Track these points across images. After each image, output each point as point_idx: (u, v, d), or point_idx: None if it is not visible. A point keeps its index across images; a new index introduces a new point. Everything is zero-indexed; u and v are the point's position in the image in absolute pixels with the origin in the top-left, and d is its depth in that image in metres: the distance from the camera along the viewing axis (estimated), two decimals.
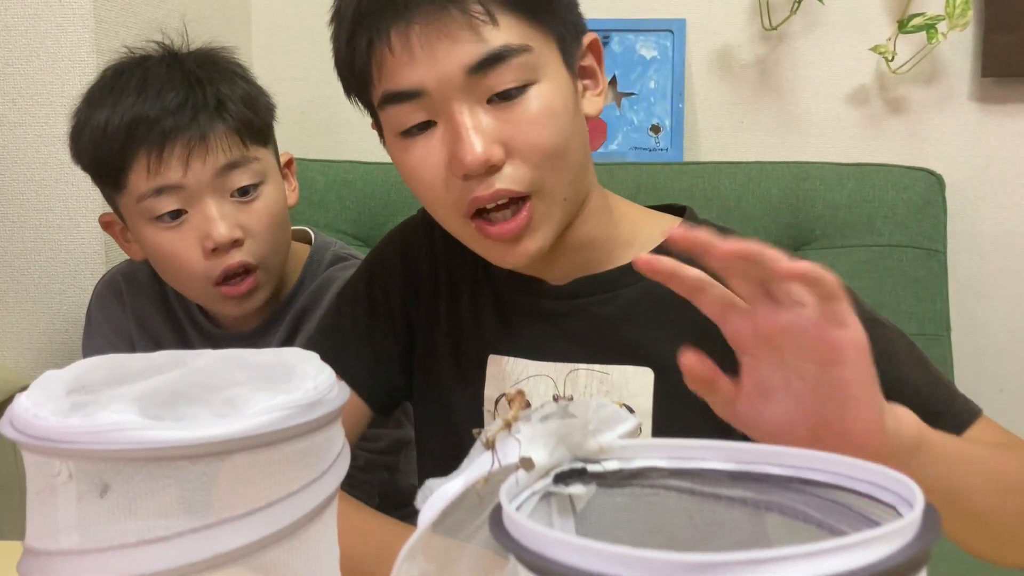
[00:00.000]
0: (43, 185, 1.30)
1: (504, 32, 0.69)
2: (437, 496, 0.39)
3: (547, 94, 0.70)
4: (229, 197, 0.97)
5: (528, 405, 0.38)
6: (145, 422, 0.37)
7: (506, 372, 0.78)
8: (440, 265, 0.85)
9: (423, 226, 0.87)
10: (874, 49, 1.55)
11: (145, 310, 1.10)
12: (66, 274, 1.30)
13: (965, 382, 0.96)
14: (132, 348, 1.09)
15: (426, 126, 0.71)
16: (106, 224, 1.07)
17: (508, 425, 0.41)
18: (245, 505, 0.38)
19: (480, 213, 0.71)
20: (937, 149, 1.76)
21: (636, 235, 0.78)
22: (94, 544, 0.37)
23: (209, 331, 1.08)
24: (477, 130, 0.68)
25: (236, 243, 0.96)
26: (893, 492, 0.36)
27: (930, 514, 0.33)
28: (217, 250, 0.95)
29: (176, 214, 0.96)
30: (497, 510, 0.36)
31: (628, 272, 0.76)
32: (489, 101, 0.69)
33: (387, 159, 0.78)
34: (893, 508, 0.35)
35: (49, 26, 1.25)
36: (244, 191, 0.98)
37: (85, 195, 1.28)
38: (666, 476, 0.43)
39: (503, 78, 0.69)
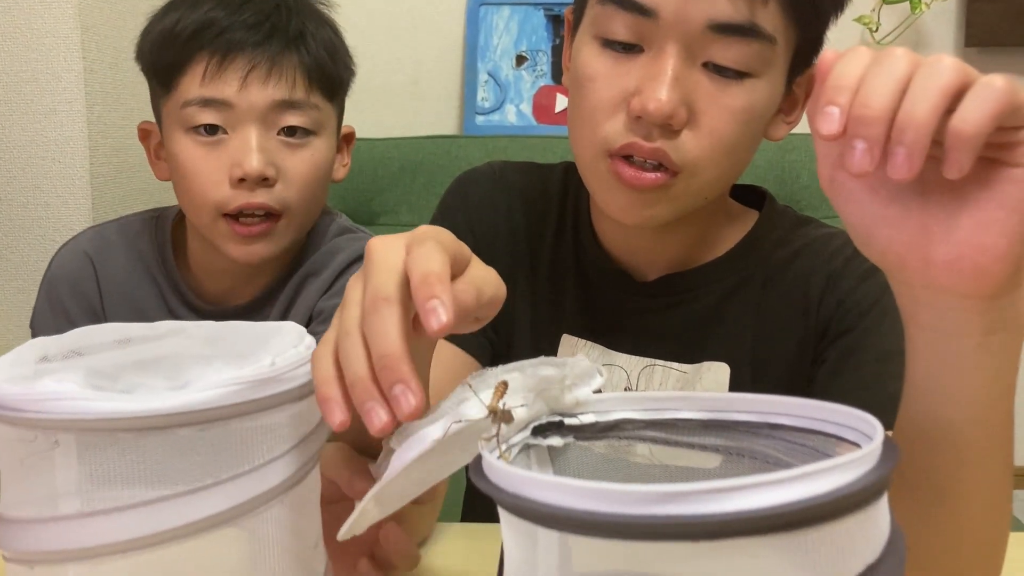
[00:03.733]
0: (30, 162, 1.30)
1: (765, 15, 0.63)
2: (415, 439, 0.39)
3: (757, 94, 0.65)
4: (275, 134, 0.91)
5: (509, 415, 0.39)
6: (85, 392, 0.37)
7: (579, 353, 0.77)
8: (518, 232, 0.79)
9: (491, 181, 0.81)
10: (858, 20, 1.55)
11: (125, 284, 1.01)
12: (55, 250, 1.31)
13: None
14: (98, 319, 0.98)
15: (631, 48, 0.64)
16: (143, 133, 1.01)
17: (501, 393, 0.41)
18: (194, 481, 0.39)
19: (623, 158, 0.65)
20: None
21: (720, 232, 0.76)
22: (49, 513, 0.38)
23: (196, 305, 1.01)
24: (676, 83, 0.62)
25: (265, 181, 0.90)
26: (856, 430, 0.38)
27: (889, 446, 0.34)
28: (244, 182, 0.89)
29: (214, 130, 0.90)
30: (477, 460, 0.37)
31: (713, 270, 0.74)
32: (704, 65, 0.63)
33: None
34: (857, 445, 0.37)
35: (32, 2, 1.25)
36: (292, 131, 0.92)
37: (73, 172, 1.29)
38: (640, 427, 0.44)
39: (730, 53, 0.63)
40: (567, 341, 0.77)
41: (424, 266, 0.40)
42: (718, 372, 0.73)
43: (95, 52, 1.27)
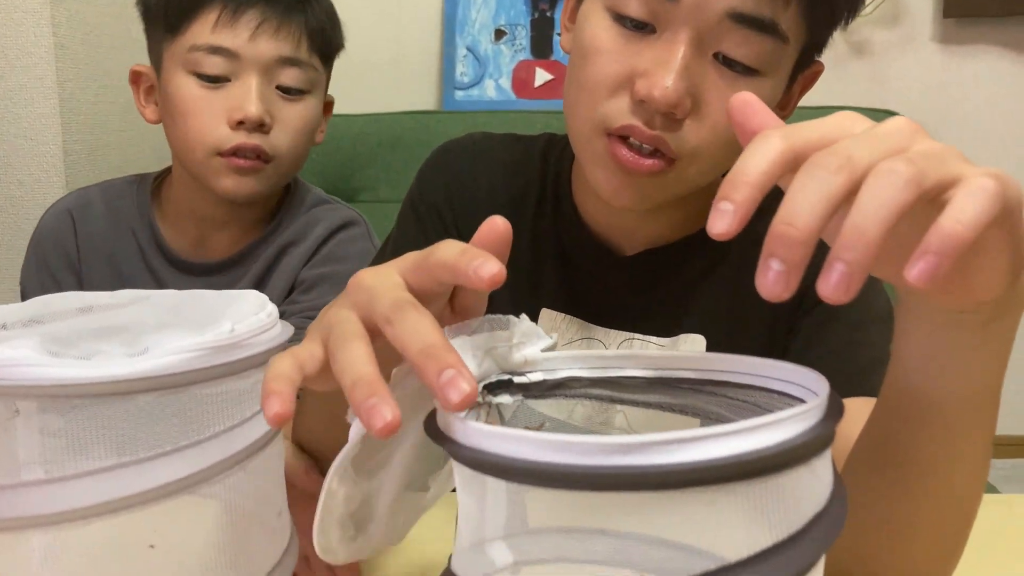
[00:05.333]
0: (2, 139, 1.29)
1: (785, 15, 0.61)
2: None
3: (763, 92, 0.63)
4: (274, 87, 0.99)
5: None
6: (41, 358, 0.38)
7: (559, 329, 0.77)
8: (498, 204, 0.78)
9: (472, 153, 0.81)
10: None
11: (102, 238, 1.07)
12: (30, 226, 1.30)
13: None
14: (78, 277, 1.06)
15: (643, 27, 0.62)
16: (134, 75, 1.06)
17: None
18: (155, 447, 0.39)
19: (620, 139, 0.63)
20: (899, 90, 1.77)
21: (702, 208, 0.74)
22: (11, 481, 0.38)
23: (172, 256, 1.06)
24: (685, 71, 0.60)
25: (262, 127, 0.97)
26: (801, 386, 0.38)
27: (834, 401, 0.35)
28: (243, 125, 0.96)
29: (216, 79, 0.96)
30: (431, 416, 0.38)
31: (692, 245, 0.74)
32: (714, 55, 0.62)
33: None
34: (801, 401, 0.37)
35: None
36: (287, 90, 1.00)
37: (46, 150, 1.28)
38: (587, 385, 0.45)
39: (743, 47, 0.61)
40: (546, 315, 0.77)
41: (424, 337, 0.37)
42: (695, 344, 0.73)
43: (66, 27, 1.26)
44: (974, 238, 0.33)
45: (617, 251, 0.75)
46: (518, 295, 0.77)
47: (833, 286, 0.33)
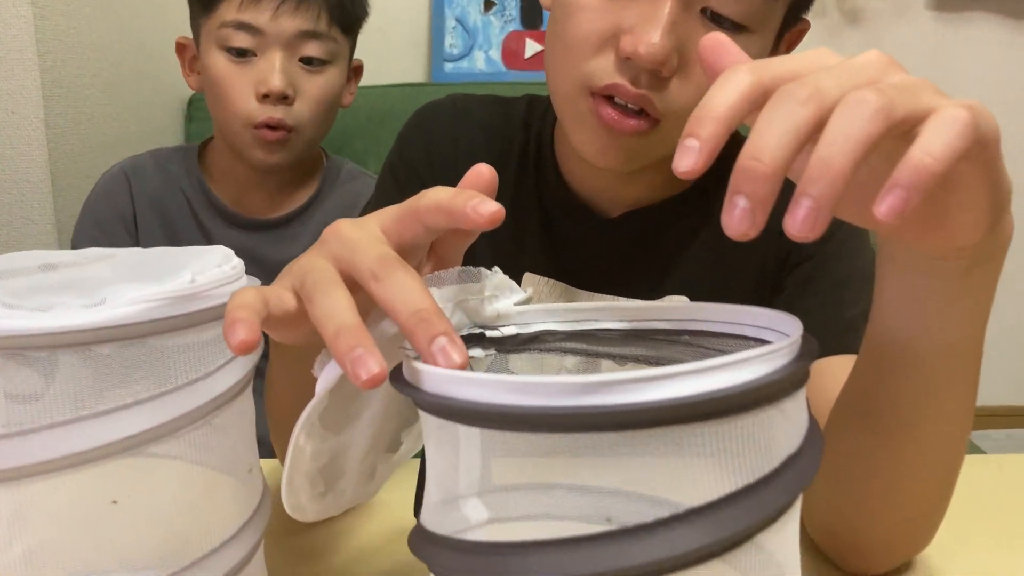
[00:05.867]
0: None
1: None
2: (333, 363, 0.39)
3: (752, 50, 0.62)
4: (296, 60, 1.08)
5: None
6: None
7: (542, 293, 0.75)
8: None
9: (452, 115, 0.79)
10: None
11: (156, 197, 1.18)
12: (10, 200, 1.29)
13: None
14: (133, 237, 1.17)
15: None
16: (179, 47, 1.18)
17: None
18: (114, 400, 0.38)
19: (605, 98, 0.62)
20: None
21: None
22: None
23: (220, 208, 1.17)
24: (673, 27, 0.58)
25: (286, 99, 1.08)
26: (776, 331, 0.37)
27: (807, 342, 0.34)
28: (268, 98, 1.06)
29: (244, 52, 1.07)
30: (397, 368, 0.37)
31: (677, 206, 0.73)
32: (702, 11, 0.60)
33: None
34: None
35: None
36: (309, 61, 1.09)
37: (27, 123, 1.26)
38: (562, 339, 0.44)
39: (731, 4, 0.59)
40: (529, 279, 0.76)
41: (414, 299, 0.36)
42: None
43: None
44: (945, 171, 0.31)
45: (600, 213, 0.74)
46: (500, 259, 0.76)
47: (800, 222, 0.32)
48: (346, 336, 0.34)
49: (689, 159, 0.33)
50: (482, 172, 0.42)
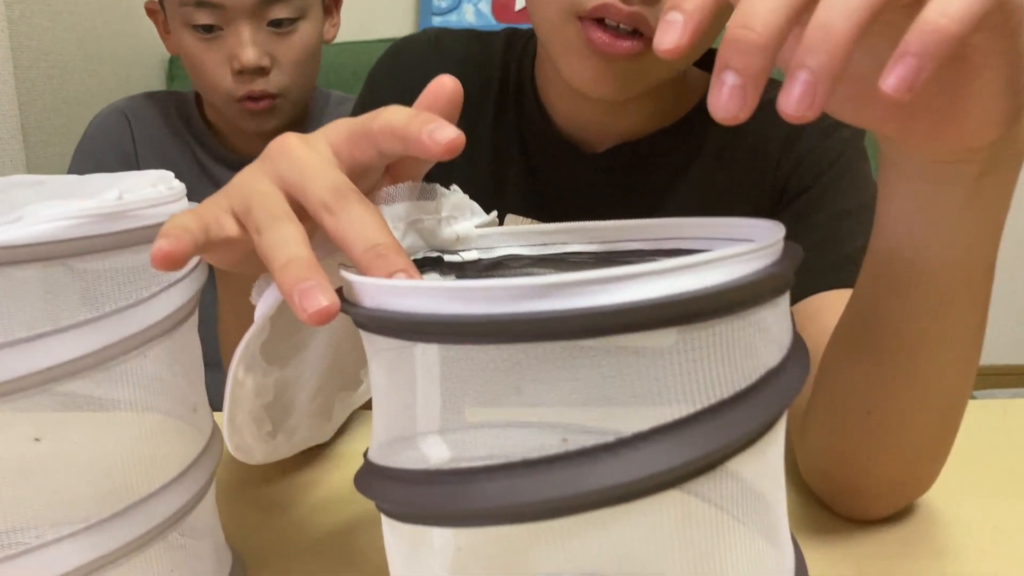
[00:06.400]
0: None
1: None
2: (273, 289, 0.35)
3: None
4: (265, 26, 1.02)
5: None
6: None
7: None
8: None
9: (427, 49, 0.75)
10: None
11: (158, 140, 1.13)
12: None
13: None
14: (131, 168, 1.13)
15: None
16: (150, 11, 1.13)
17: None
18: (34, 327, 0.34)
19: (594, 21, 0.58)
20: None
21: (676, 100, 0.69)
22: None
23: (224, 156, 1.13)
24: None
25: (262, 70, 1.03)
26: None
27: (791, 247, 0.31)
28: (243, 73, 1.02)
29: (210, 28, 1.01)
30: (338, 289, 0.33)
31: (666, 139, 0.68)
32: None
33: None
34: None
35: None
36: (278, 23, 1.03)
37: None
38: (528, 264, 0.40)
39: None
40: (512, 221, 0.73)
41: (370, 234, 0.33)
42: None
43: None
44: (962, 35, 0.27)
45: (586, 148, 0.69)
46: (480, 200, 0.72)
47: (796, 99, 0.28)
48: (295, 268, 0.31)
49: (672, 35, 0.29)
50: (444, 84, 0.38)
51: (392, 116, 0.35)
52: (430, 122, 0.34)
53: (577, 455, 0.27)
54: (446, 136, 0.33)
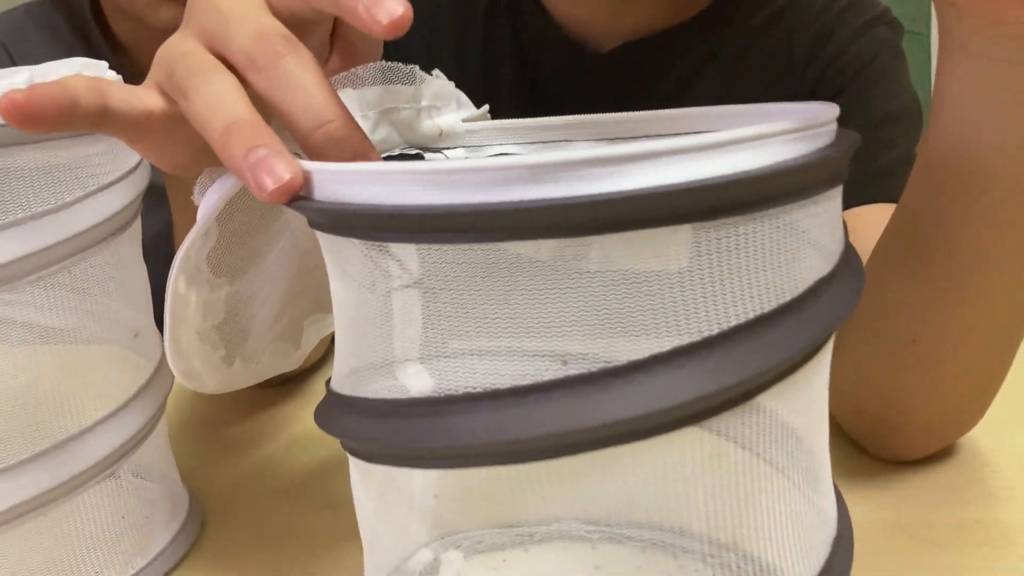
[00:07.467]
0: None
1: None
2: (218, 184, 0.30)
3: None
4: None
5: None
6: None
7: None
8: (435, 6, 0.66)
9: None
10: None
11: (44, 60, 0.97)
12: None
13: None
14: None
15: None
16: None
17: None
18: None
19: None
20: None
21: None
22: None
23: (134, 78, 0.98)
24: None
25: None
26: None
27: (845, 136, 0.25)
28: None
29: None
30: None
31: (681, 37, 0.61)
32: None
33: None
34: None
35: None
36: None
37: None
38: None
39: None
40: None
41: (306, 89, 0.27)
42: None
43: None
44: None
45: (590, 47, 0.62)
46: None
47: None
48: (239, 134, 0.25)
49: None
50: None
51: None
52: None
53: (578, 381, 0.21)
54: (389, 13, 0.26)
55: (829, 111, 0.25)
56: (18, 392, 0.33)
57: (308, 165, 0.24)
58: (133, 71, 0.91)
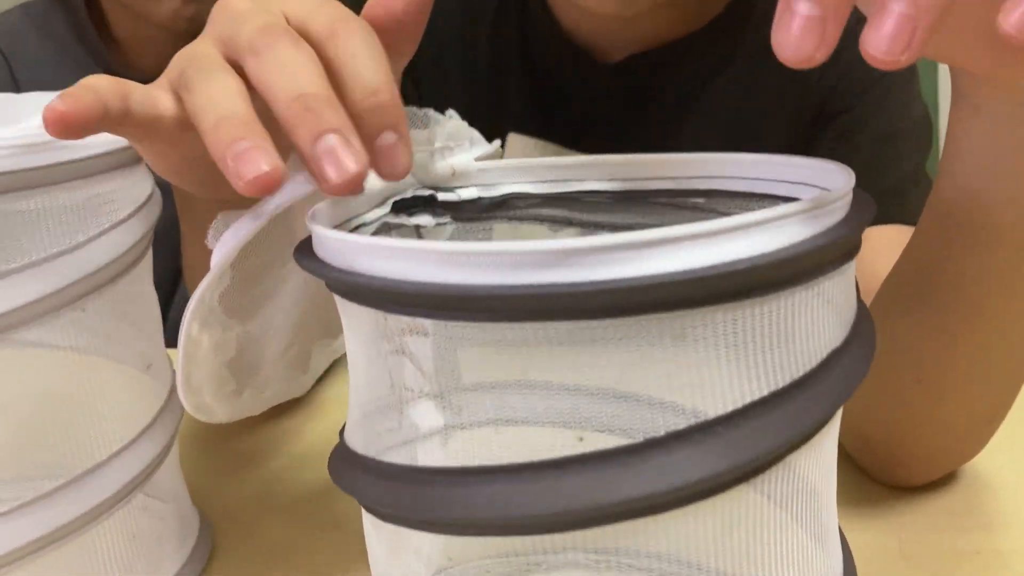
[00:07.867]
0: None
1: None
2: (233, 230, 0.30)
3: None
4: None
5: None
6: None
7: (531, 154, 0.65)
8: (446, 8, 0.63)
9: None
10: None
11: (43, 70, 0.94)
12: None
13: None
14: None
15: None
16: None
17: None
18: None
19: None
20: None
21: (701, 3, 0.62)
22: None
23: (130, 75, 0.97)
24: None
25: None
26: (817, 187, 0.28)
27: (862, 200, 0.25)
28: None
29: None
30: (306, 239, 0.28)
31: (691, 46, 0.61)
32: None
33: None
34: None
35: None
36: None
37: None
38: (537, 204, 0.35)
39: None
40: (515, 141, 0.65)
41: (300, 78, 0.27)
42: None
43: None
44: None
45: (599, 57, 0.62)
46: (478, 117, 0.65)
47: (889, 38, 0.21)
48: (228, 127, 0.25)
49: (812, 39, 0.22)
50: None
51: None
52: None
53: (594, 458, 0.22)
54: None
55: (845, 179, 0.25)
56: (33, 429, 0.33)
57: (324, 231, 0.24)
58: (130, 69, 0.94)
